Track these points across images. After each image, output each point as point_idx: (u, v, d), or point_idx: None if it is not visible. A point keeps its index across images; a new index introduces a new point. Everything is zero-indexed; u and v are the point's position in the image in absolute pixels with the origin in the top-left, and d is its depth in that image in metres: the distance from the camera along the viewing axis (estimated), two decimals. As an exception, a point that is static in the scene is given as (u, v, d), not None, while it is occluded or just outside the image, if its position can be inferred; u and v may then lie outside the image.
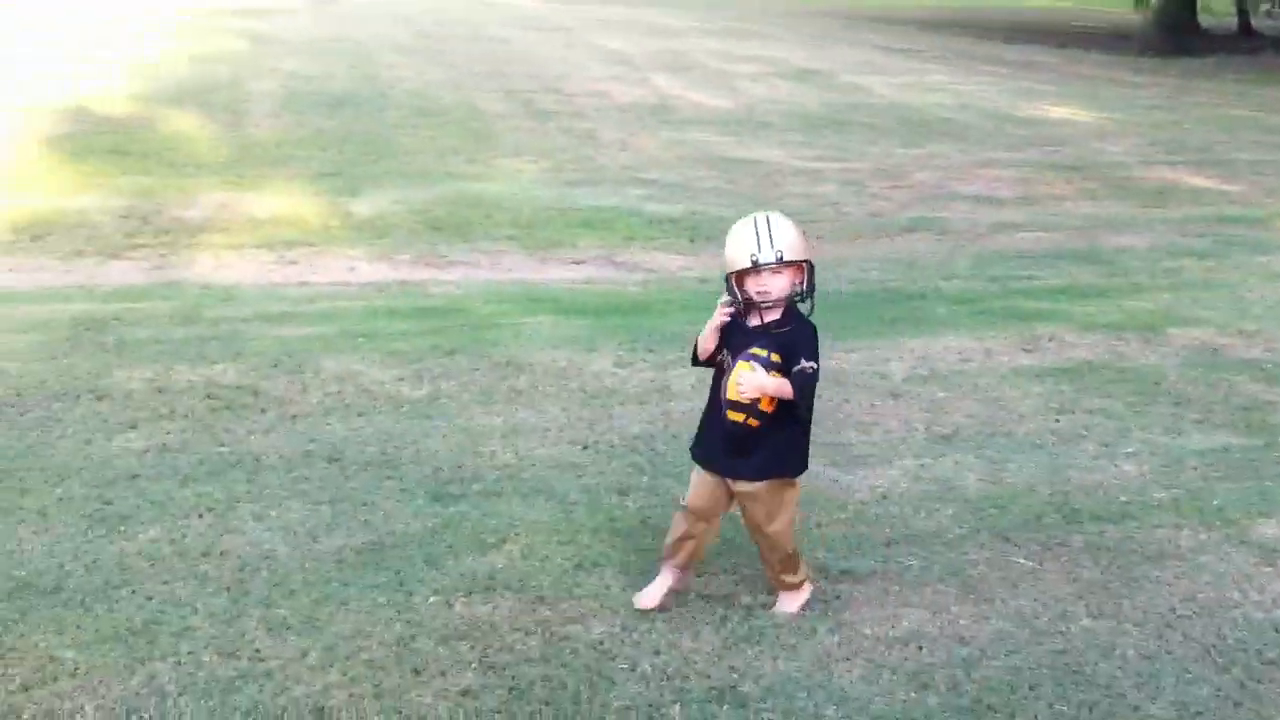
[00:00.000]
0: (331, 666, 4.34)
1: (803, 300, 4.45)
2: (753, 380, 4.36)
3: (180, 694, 4.15)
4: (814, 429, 6.77)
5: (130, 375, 7.39)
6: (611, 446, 6.55)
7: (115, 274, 10.24)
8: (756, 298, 4.39)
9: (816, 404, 7.20)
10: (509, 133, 18.00)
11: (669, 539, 4.83)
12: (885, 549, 5.38)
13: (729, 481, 4.63)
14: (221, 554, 5.18)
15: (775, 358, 4.39)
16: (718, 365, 4.57)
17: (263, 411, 6.88)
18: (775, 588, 4.87)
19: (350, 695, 4.17)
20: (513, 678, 4.30)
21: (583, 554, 5.22)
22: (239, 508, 5.63)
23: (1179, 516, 5.79)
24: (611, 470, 6.20)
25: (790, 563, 4.78)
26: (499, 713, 4.10)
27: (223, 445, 6.38)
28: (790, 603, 4.81)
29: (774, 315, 4.46)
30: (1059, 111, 22.50)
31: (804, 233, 4.43)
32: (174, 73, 20.64)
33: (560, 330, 8.68)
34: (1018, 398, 7.45)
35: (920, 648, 4.57)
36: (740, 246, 4.36)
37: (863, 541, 5.44)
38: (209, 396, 7.07)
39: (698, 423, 4.81)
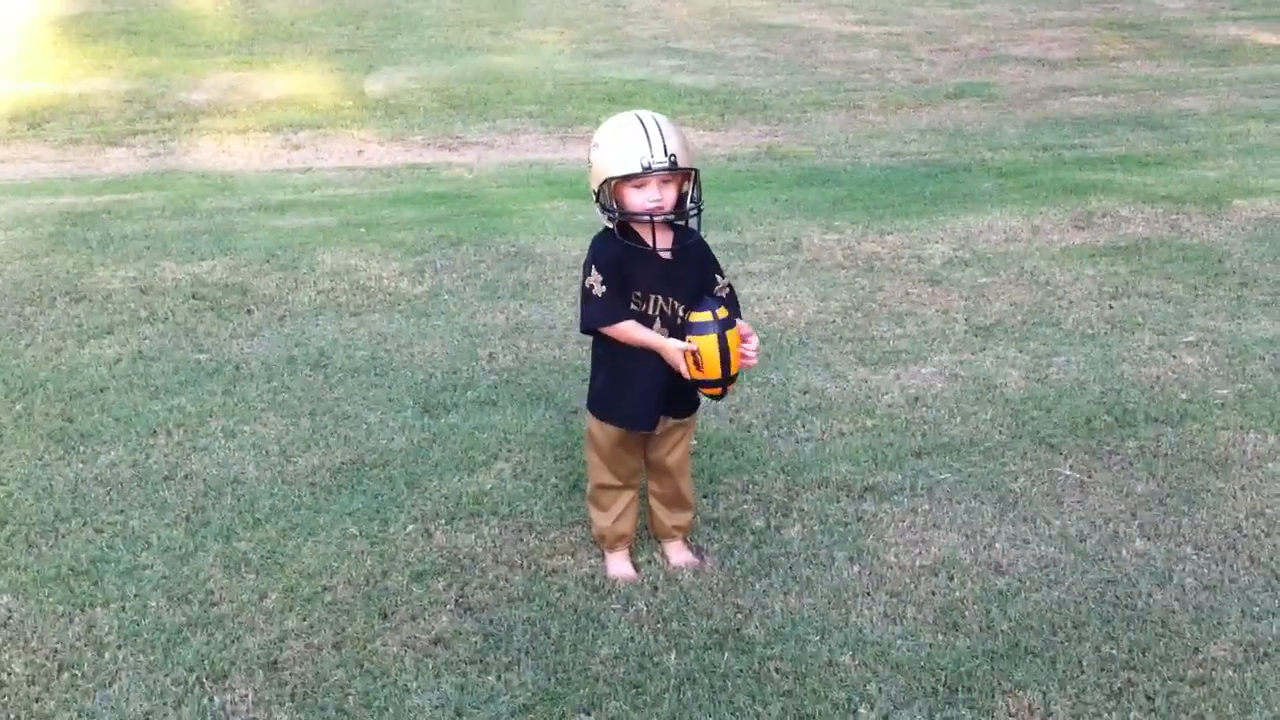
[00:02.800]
0: (290, 610, 3.89)
1: (695, 215, 3.77)
2: (755, 341, 3.81)
3: (120, 645, 3.72)
4: (840, 322, 6.28)
5: (113, 274, 6.94)
6: (621, 346, 6.03)
7: (112, 163, 9.79)
8: (649, 210, 3.67)
9: (845, 292, 6.69)
10: (536, 2, 17.26)
11: (607, 524, 4.10)
12: (915, 460, 4.85)
13: (659, 427, 3.98)
14: (185, 477, 4.73)
15: (722, 312, 3.74)
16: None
17: (249, 312, 6.41)
18: (681, 534, 4.22)
19: (308, 645, 3.72)
20: (491, 621, 3.84)
21: (579, 471, 4.71)
22: (210, 423, 5.18)
23: (1245, 416, 5.20)
24: (618, 373, 5.68)
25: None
26: (472, 664, 3.64)
27: (202, 351, 5.92)
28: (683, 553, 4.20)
29: (666, 236, 3.77)
30: (1117, -35, 21.37)
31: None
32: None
33: (575, 216, 8.12)
34: (1067, 282, 6.85)
35: (951, 578, 4.05)
36: (625, 148, 3.62)
37: (890, 452, 4.91)
38: (194, 296, 6.62)
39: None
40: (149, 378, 5.61)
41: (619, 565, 4.11)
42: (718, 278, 3.89)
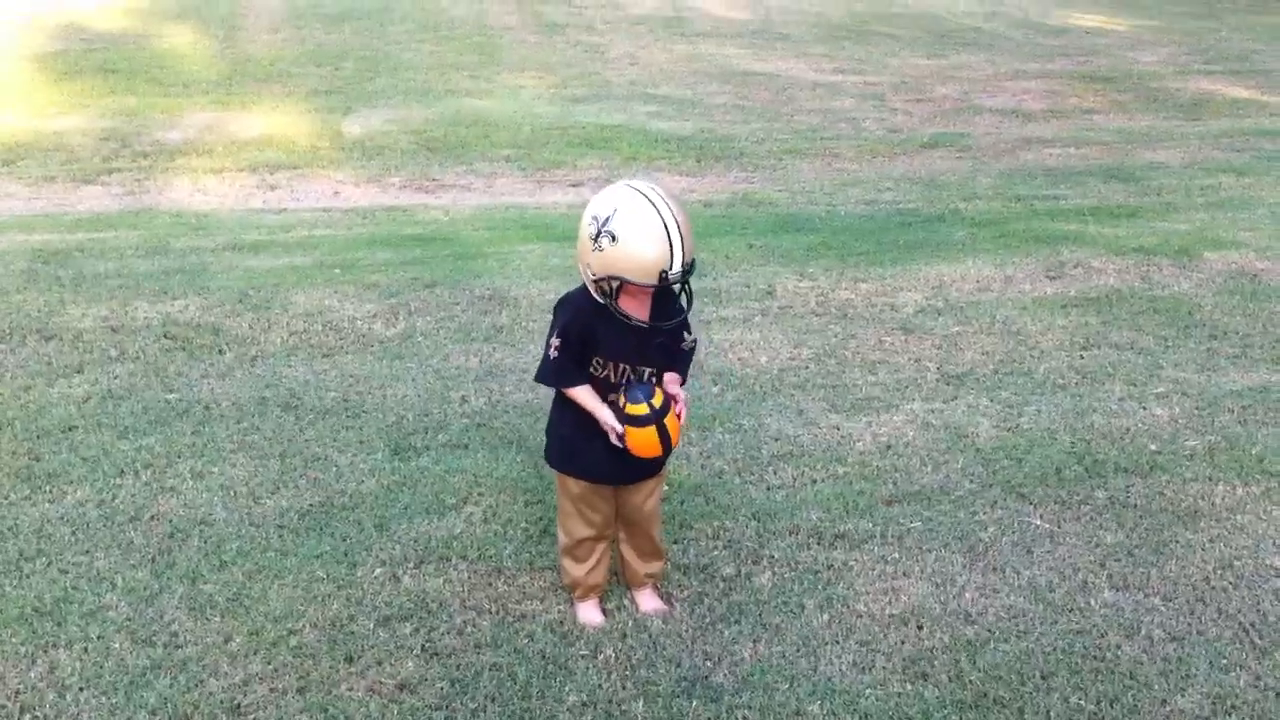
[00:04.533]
0: (255, 654, 3.86)
1: (687, 310, 3.74)
2: (683, 415, 3.80)
3: (82, 688, 3.68)
4: (813, 369, 6.29)
5: (84, 313, 6.90)
6: (594, 391, 6.02)
7: (86, 201, 9.75)
8: (624, 309, 3.63)
9: (819, 340, 6.71)
10: (515, 46, 17.35)
11: (581, 574, 4.08)
12: (886, 508, 4.85)
13: (631, 485, 4.01)
14: (152, 518, 4.69)
15: (657, 399, 3.74)
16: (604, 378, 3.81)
17: (220, 353, 6.38)
18: (654, 581, 4.22)
19: (271, 689, 3.69)
20: (457, 667, 3.81)
21: (549, 515, 4.70)
22: (179, 464, 5.14)
23: (1214, 468, 5.23)
24: (590, 418, 5.67)
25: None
26: (438, 710, 3.62)
27: (172, 391, 5.89)
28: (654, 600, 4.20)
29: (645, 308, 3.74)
30: (1091, 19, 21.65)
31: None
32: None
33: (550, 259, 8.13)
34: (1039, 331, 6.88)
35: (920, 627, 4.05)
36: (649, 257, 3.50)
37: (861, 500, 4.91)
38: (165, 336, 6.58)
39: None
40: (118, 417, 5.57)
41: (589, 612, 4.09)
42: (685, 335, 3.86)
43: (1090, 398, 5.97)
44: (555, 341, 3.73)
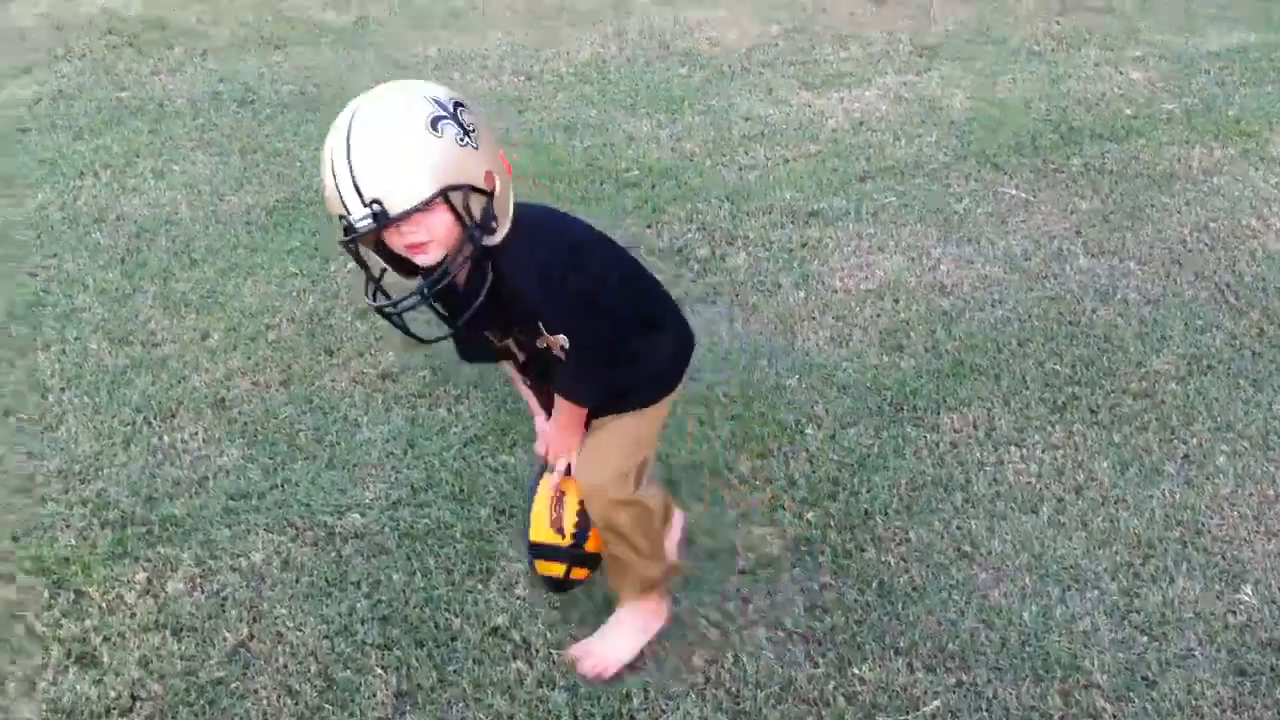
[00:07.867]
0: (235, 349, 3.84)
1: (483, 238, 2.20)
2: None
3: (64, 388, 3.67)
4: (782, 45, 6.13)
5: (25, 11, 6.62)
6: (558, 76, 5.87)
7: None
8: (408, 254, 2.22)
9: (788, 15, 6.50)
10: None
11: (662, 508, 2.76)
12: (859, 184, 4.80)
13: None
14: (117, 219, 4.61)
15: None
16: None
17: (169, 48, 6.16)
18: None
19: (254, 383, 3.69)
20: (439, 357, 3.81)
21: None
22: (138, 163, 5.02)
23: (1190, 130, 5.17)
24: (557, 104, 5.54)
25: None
26: (422, 397, 3.63)
27: (124, 89, 5.70)
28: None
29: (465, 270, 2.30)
30: None
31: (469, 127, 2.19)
32: None
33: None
34: (1014, -2, 6.70)
35: (896, 301, 4.05)
36: (326, 193, 2.15)
37: (834, 177, 4.85)
38: (110, 32, 6.33)
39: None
40: (71, 118, 5.42)
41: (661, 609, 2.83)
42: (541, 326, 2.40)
43: (1065, 64, 5.85)
44: None
